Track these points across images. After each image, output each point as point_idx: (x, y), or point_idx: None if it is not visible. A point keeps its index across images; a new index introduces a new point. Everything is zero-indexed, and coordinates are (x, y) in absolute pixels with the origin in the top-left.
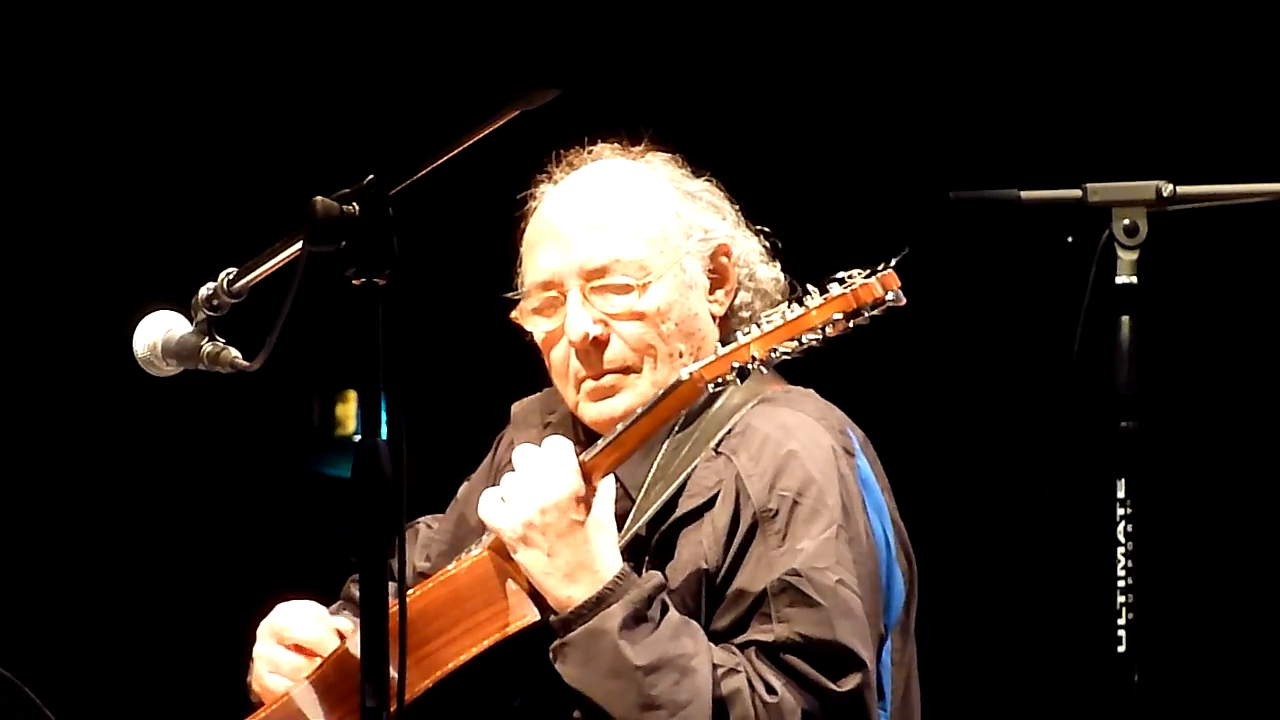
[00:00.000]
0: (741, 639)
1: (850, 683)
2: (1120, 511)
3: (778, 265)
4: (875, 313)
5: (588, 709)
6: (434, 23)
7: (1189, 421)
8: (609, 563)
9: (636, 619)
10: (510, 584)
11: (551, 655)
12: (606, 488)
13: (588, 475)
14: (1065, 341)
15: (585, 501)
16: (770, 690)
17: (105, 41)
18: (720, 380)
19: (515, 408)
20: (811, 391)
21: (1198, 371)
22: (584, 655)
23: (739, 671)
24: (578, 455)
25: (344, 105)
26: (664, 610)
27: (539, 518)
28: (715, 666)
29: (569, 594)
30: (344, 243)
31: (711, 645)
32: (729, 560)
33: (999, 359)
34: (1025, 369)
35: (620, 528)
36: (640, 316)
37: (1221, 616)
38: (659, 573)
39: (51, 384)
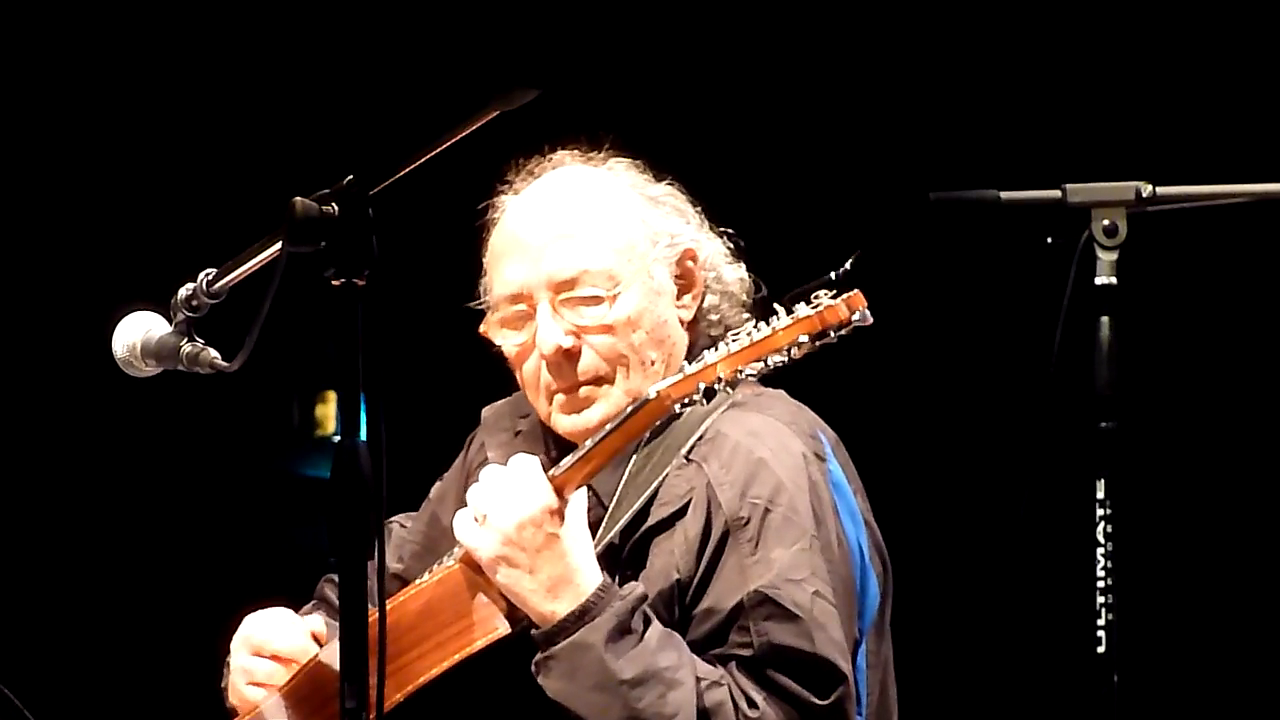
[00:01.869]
0: (720, 651)
1: (831, 695)
2: (1100, 512)
3: (743, 266)
4: (842, 333)
5: None
6: (413, 23)
7: (1169, 422)
8: (589, 576)
9: (621, 631)
10: (481, 596)
11: (534, 669)
12: (578, 500)
13: (557, 491)
14: (1045, 342)
15: (559, 515)
16: (751, 704)
17: (84, 43)
18: (687, 400)
19: (486, 412)
20: (782, 393)
21: (1177, 372)
22: (569, 669)
23: (721, 685)
24: (546, 471)
25: (324, 106)
26: (646, 622)
27: (517, 534)
28: (699, 679)
29: (552, 609)
30: (323, 243)
31: (695, 658)
32: (702, 570)
33: (978, 360)
34: (1005, 370)
35: (593, 537)
36: (610, 329)
37: (1201, 617)
38: (640, 584)
39: (30, 385)
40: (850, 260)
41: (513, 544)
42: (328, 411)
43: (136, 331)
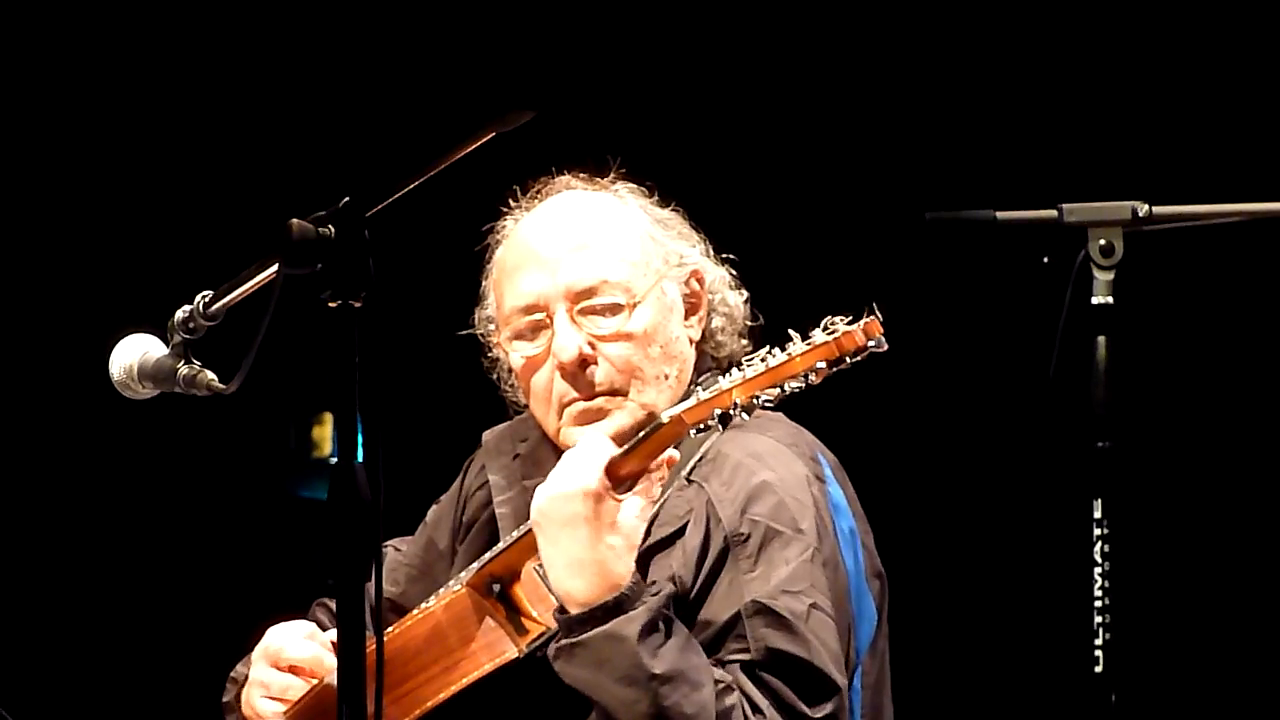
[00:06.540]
0: (717, 658)
1: (825, 709)
2: (1097, 531)
3: (743, 293)
4: (857, 359)
5: None
6: (409, 47)
7: (1165, 441)
8: (616, 567)
9: (653, 627)
10: (489, 620)
11: (554, 654)
12: (639, 502)
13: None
14: (1041, 362)
15: (599, 500)
16: (755, 709)
17: (82, 64)
18: (703, 425)
19: (487, 436)
20: (780, 415)
21: (1174, 391)
22: (596, 658)
23: (732, 690)
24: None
25: (320, 128)
26: (670, 622)
27: (549, 505)
28: (715, 682)
29: (568, 588)
30: (320, 265)
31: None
32: (700, 582)
33: (975, 379)
34: (1001, 389)
35: None
36: (629, 337)
37: (1199, 636)
38: (668, 584)
39: (27, 407)
40: (865, 313)
41: (543, 513)
42: (325, 433)
43: (133, 354)
